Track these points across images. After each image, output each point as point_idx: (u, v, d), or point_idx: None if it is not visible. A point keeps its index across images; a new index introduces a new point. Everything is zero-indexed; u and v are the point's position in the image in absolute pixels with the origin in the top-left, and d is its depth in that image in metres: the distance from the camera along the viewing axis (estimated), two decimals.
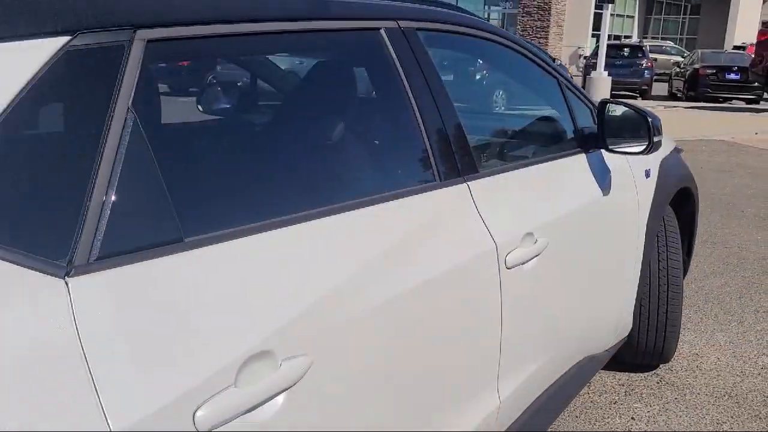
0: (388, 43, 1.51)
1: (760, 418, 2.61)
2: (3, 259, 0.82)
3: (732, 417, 2.62)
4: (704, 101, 17.38)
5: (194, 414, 0.92)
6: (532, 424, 1.93)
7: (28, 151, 0.90)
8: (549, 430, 2.37)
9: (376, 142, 1.62)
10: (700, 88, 17.84)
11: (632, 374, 2.93)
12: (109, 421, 0.83)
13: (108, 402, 0.84)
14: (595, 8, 25.69)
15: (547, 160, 2.06)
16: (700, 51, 20.12)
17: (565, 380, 2.14)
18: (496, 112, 2.28)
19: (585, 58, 22.35)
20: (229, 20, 1.19)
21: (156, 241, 0.98)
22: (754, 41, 16.69)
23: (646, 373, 2.94)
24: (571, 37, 27.71)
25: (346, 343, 1.19)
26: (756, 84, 16.41)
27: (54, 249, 0.87)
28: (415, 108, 1.52)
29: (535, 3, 27.04)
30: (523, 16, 27.56)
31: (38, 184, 0.90)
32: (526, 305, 1.77)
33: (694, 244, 3.29)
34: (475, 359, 1.60)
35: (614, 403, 2.71)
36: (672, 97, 19.27)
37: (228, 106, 1.71)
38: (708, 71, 17.89)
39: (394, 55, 1.51)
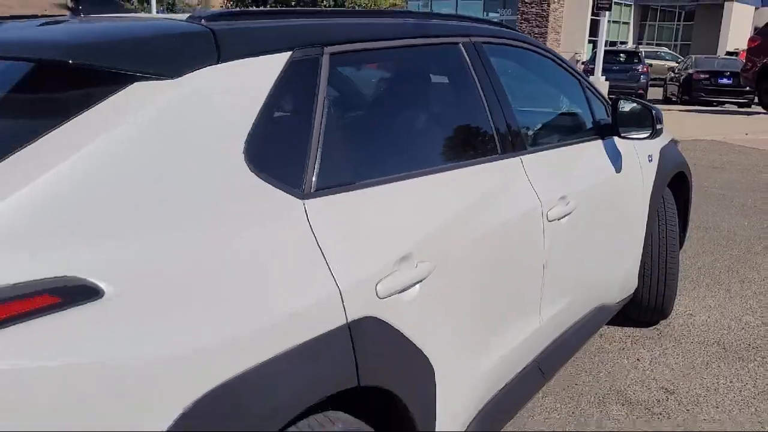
0: (464, 53, 2.08)
1: (742, 359, 3.18)
2: (268, 183, 1.37)
3: (719, 358, 3.19)
4: (698, 105, 17.96)
5: (376, 285, 1.48)
6: (559, 350, 2.49)
7: (278, 125, 1.45)
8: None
9: (460, 126, 2.20)
10: (694, 92, 18.39)
11: (636, 329, 3.50)
12: (337, 282, 1.39)
13: (336, 271, 1.39)
14: (592, 15, 26.39)
15: (573, 144, 2.63)
16: (694, 57, 20.67)
17: (584, 321, 2.71)
18: (532, 108, 2.80)
19: (582, 63, 22.93)
20: (373, 39, 1.76)
21: (341, 183, 1.54)
22: (746, 47, 17.27)
23: (648, 328, 3.51)
24: (568, 43, 28.39)
25: (454, 258, 1.75)
26: (747, 88, 16.99)
27: (295, 182, 1.43)
28: (485, 102, 2.09)
29: (534, 10, 27.72)
30: (521, 23, 28.24)
31: (287, 144, 1.45)
32: (559, 252, 2.33)
33: (688, 222, 3.86)
34: (528, 285, 2.16)
35: (622, 350, 3.27)
36: (667, 101, 19.83)
37: (379, 96, 2.29)
38: (702, 76, 18.45)
39: (469, 63, 2.08)
